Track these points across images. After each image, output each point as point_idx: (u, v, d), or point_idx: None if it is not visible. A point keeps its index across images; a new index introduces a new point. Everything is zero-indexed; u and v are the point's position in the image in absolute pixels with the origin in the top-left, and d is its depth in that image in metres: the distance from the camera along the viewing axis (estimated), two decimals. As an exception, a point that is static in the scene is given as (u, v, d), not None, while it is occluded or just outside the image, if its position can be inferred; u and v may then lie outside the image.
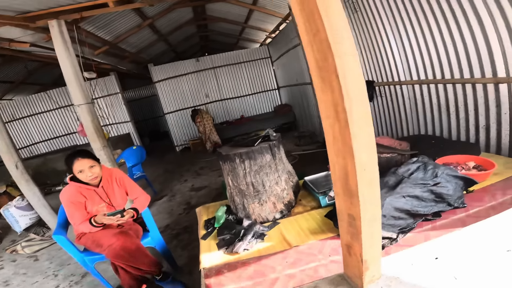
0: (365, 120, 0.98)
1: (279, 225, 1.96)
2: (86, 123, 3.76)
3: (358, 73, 0.96)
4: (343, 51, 0.92)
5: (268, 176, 2.03)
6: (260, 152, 2.00)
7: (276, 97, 8.78)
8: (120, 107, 8.19)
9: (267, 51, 8.42)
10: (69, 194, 1.98)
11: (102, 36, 5.15)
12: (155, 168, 6.65)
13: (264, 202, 2.04)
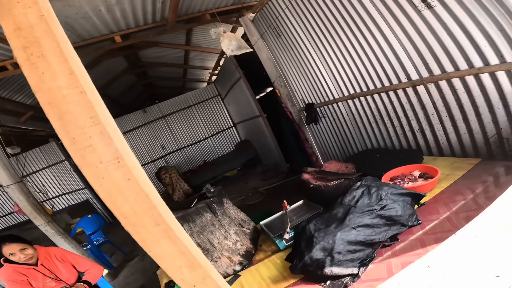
0: (167, 240, 0.76)
1: (240, 278, 1.81)
2: (20, 203, 3.56)
3: (133, 186, 0.71)
4: (98, 159, 0.67)
5: (214, 234, 1.93)
6: (198, 213, 1.93)
7: (234, 135, 8.63)
8: (70, 175, 7.49)
9: (214, 89, 8.40)
10: (7, 274, 1.99)
11: (23, 101, 4.70)
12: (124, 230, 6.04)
13: (218, 258, 1.90)
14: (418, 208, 1.72)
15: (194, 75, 8.36)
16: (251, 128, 6.86)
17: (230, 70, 5.90)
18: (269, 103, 5.63)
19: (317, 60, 3.24)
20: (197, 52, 6.24)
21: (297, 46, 3.44)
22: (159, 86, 9.58)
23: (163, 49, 5.87)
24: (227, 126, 8.58)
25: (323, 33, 2.94)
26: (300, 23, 3.17)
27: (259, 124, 5.88)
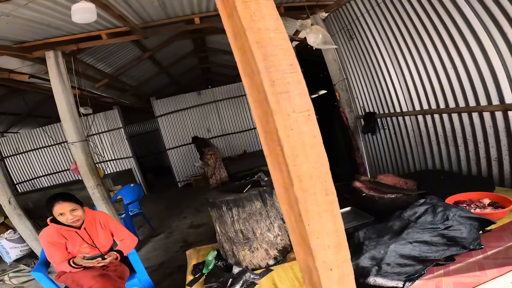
0: (329, 214, 0.67)
1: (272, 273, 1.81)
2: (79, 161, 3.70)
3: (316, 143, 0.64)
4: (291, 107, 0.62)
5: (259, 223, 1.92)
6: (249, 200, 1.91)
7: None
8: (122, 143, 8.15)
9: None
10: (48, 235, 2.01)
11: (102, 69, 5.23)
12: (156, 204, 6.58)
13: (255, 249, 1.91)
14: (482, 233, 1.65)
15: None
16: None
17: (289, 66, 5.89)
18: (322, 105, 5.53)
19: (390, 68, 3.11)
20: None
21: (370, 52, 3.33)
22: (216, 72, 9.95)
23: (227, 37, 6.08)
24: (273, 121, 8.62)
25: (405, 41, 2.80)
26: (380, 29, 3.05)
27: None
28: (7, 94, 6.00)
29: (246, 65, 0.67)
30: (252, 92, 0.68)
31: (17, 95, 6.31)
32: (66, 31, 3.38)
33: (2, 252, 4.24)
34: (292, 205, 0.67)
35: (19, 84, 4.74)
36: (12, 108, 6.95)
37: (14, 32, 3.09)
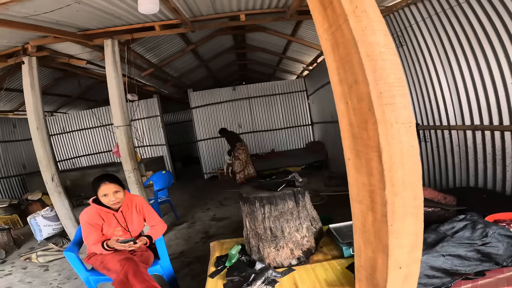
0: (413, 217, 0.71)
1: (294, 273, 1.81)
2: (121, 145, 3.85)
3: (413, 153, 0.69)
4: (394, 118, 0.66)
5: (289, 223, 1.94)
6: (283, 198, 1.93)
7: (309, 134, 8.58)
8: (158, 130, 8.51)
9: (303, 83, 8.41)
10: (88, 216, 2.06)
11: (150, 59, 5.53)
12: (182, 193, 6.76)
13: (281, 247, 1.93)
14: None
15: (287, 65, 8.53)
16: (329, 131, 6.70)
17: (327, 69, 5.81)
18: None
19: (442, 79, 2.96)
20: (299, 45, 6.33)
21: (420, 60, 3.19)
22: (252, 69, 10.09)
23: (268, 35, 6.13)
24: (305, 123, 8.56)
25: (463, 51, 2.65)
26: (436, 37, 2.91)
27: (342, 129, 5.69)
28: (63, 77, 6.54)
29: (349, 74, 0.71)
30: (349, 99, 0.72)
31: (72, 79, 6.84)
32: (125, 21, 3.60)
33: (35, 229, 4.27)
34: (375, 206, 0.70)
35: (75, 68, 5.16)
36: (65, 91, 7.55)
37: (81, 20, 3.34)
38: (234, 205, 5.12)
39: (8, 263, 3.71)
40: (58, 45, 3.77)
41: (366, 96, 0.66)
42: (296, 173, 2.18)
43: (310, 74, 7.72)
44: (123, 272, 1.89)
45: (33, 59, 3.71)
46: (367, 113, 0.66)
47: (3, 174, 6.71)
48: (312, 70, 7.50)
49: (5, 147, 6.83)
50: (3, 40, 3.39)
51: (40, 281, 3.08)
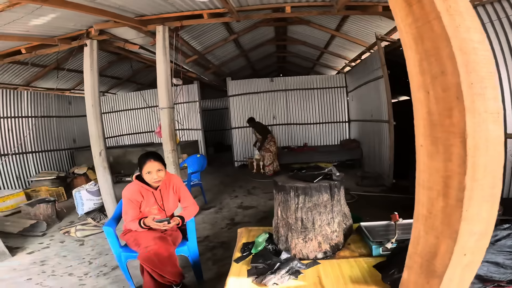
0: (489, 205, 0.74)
1: (318, 266, 1.82)
2: (164, 125, 4.04)
3: (498, 142, 0.71)
4: (483, 108, 0.69)
5: (321, 216, 1.93)
6: (318, 190, 1.92)
7: (345, 131, 8.36)
8: (196, 115, 8.83)
9: (343, 79, 8.17)
10: (130, 192, 2.14)
11: (194, 46, 5.74)
12: (212, 178, 6.93)
13: (309, 240, 1.94)
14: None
15: (328, 60, 8.31)
16: (367, 130, 6.48)
17: (372, 66, 5.57)
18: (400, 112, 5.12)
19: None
20: (342, 40, 6.14)
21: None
22: (291, 62, 9.97)
23: (311, 29, 6.02)
24: (341, 120, 8.35)
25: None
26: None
27: (381, 129, 5.47)
28: (116, 61, 7.05)
29: (434, 66, 0.75)
30: (431, 89, 0.77)
31: (123, 62, 7.34)
32: (176, 8, 3.77)
33: (78, 203, 4.39)
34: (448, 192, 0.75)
35: (128, 53, 5.53)
36: (116, 73, 8.11)
37: (139, 6, 3.56)
38: (261, 195, 5.17)
39: (48, 236, 3.83)
40: (117, 29, 4.06)
41: (455, 86, 0.70)
42: (333, 167, 2.17)
43: (352, 70, 7.47)
44: (154, 250, 1.96)
45: (94, 42, 4.04)
46: (454, 102, 0.70)
47: (55, 147, 7.36)
48: (354, 67, 7.24)
49: (59, 121, 7.53)
50: (71, 23, 3.74)
51: (74, 255, 3.20)
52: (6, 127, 6.14)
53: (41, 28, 3.75)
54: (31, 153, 6.62)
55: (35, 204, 4.25)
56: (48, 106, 7.10)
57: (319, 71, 9.86)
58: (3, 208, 4.85)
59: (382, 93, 5.17)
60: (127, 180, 6.84)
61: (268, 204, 4.62)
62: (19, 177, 6.27)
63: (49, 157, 7.13)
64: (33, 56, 4.75)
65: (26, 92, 6.59)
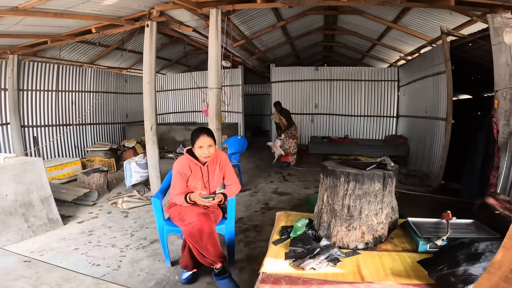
0: None
1: (358, 256, 1.80)
2: (211, 105, 4.16)
3: None
4: None
5: (370, 205, 1.88)
6: (371, 178, 1.85)
7: (391, 126, 7.91)
8: (238, 99, 8.97)
9: (396, 73, 7.67)
10: (180, 165, 2.18)
11: (243, 30, 5.77)
12: (248, 161, 7.06)
13: (353, 228, 1.91)
14: None
15: (379, 53, 7.83)
16: (418, 127, 6.07)
17: (433, 61, 5.15)
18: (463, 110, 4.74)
19: None
20: (399, 32, 5.73)
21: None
22: (337, 52, 9.58)
23: (365, 19, 5.69)
24: (389, 115, 7.90)
25: None
26: None
27: (435, 127, 5.10)
28: (168, 43, 7.38)
29: None
30: None
31: (174, 45, 7.67)
32: None
33: (127, 174, 4.53)
34: None
35: (180, 35, 5.75)
36: (167, 55, 8.50)
37: None
38: (297, 182, 5.17)
39: (97, 206, 3.99)
40: (174, 11, 4.21)
41: None
42: (387, 157, 2.09)
43: (407, 64, 6.97)
44: (198, 226, 1.98)
45: (154, 23, 4.25)
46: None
47: (110, 120, 8.02)
48: (410, 61, 6.75)
49: (116, 97, 8.16)
50: (136, 3, 3.96)
51: (118, 226, 3.32)
52: (71, 100, 6.84)
53: (110, 8, 4.02)
54: (89, 125, 7.32)
55: (90, 173, 4.50)
56: (107, 83, 7.73)
57: (368, 63, 9.35)
58: (60, 175, 5.17)
59: (441, 89, 4.78)
60: (169, 156, 7.25)
61: (302, 192, 4.61)
62: (77, 146, 6.98)
63: (104, 130, 7.82)
64: (99, 36, 5.14)
65: (90, 69, 7.23)
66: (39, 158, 3.32)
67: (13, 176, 2.97)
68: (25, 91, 5.97)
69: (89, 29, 4.75)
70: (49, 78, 6.37)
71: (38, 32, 4.69)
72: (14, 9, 3.44)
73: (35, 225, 3.09)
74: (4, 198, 2.89)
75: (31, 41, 5.17)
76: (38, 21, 4.03)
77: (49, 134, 6.43)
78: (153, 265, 2.51)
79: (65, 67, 6.67)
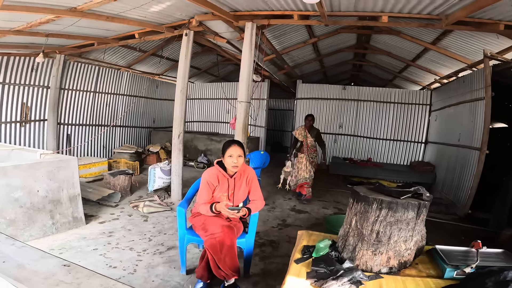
0: None
1: (381, 280, 1.78)
2: (239, 118, 4.18)
3: None
4: None
5: (400, 232, 1.87)
6: (405, 207, 1.86)
7: (418, 152, 7.62)
8: (262, 113, 8.92)
9: (428, 96, 7.43)
10: (209, 174, 2.27)
11: (274, 45, 5.83)
12: (267, 176, 6.97)
13: (379, 253, 1.89)
14: None
15: (412, 74, 7.65)
16: (449, 154, 5.81)
17: (472, 86, 4.94)
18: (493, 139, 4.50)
19: None
20: (437, 54, 5.57)
21: None
22: (367, 71, 9.48)
23: (401, 39, 5.60)
24: (416, 140, 7.63)
25: None
26: None
27: (467, 156, 4.84)
28: (200, 52, 7.62)
29: None
30: None
31: (206, 54, 7.88)
32: (268, 6, 3.85)
33: (150, 179, 4.57)
34: None
35: (213, 45, 5.93)
36: (197, 64, 8.74)
37: (235, 0, 3.72)
38: (315, 202, 5.09)
39: (119, 208, 4.05)
40: (211, 22, 4.34)
41: None
42: (422, 187, 2.07)
43: (443, 88, 6.74)
44: (220, 238, 2.01)
45: (191, 32, 4.41)
46: None
47: (138, 124, 8.29)
48: (446, 84, 6.53)
49: (146, 102, 8.47)
50: (178, 12, 4.12)
51: (137, 230, 3.36)
52: (106, 102, 7.19)
53: (155, 15, 4.20)
54: (118, 127, 7.61)
55: (117, 174, 4.60)
56: (140, 87, 8.07)
57: (399, 84, 9.14)
58: (88, 174, 5.32)
59: (478, 117, 4.57)
60: (190, 164, 7.31)
61: (321, 212, 4.57)
62: (105, 147, 7.24)
63: (132, 133, 8.09)
64: (140, 42, 5.38)
65: (126, 73, 7.61)
66: (74, 157, 3.41)
67: (47, 173, 3.04)
68: (65, 90, 6.35)
69: (132, 34, 5.00)
70: (89, 79, 6.76)
71: (87, 34, 4.96)
72: (72, 10, 3.63)
73: (59, 223, 3.14)
74: (35, 194, 2.94)
75: (79, 42, 5.48)
76: (89, 23, 4.26)
77: (81, 132, 6.75)
78: (168, 272, 2.52)
79: (105, 69, 7.05)
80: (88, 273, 0.94)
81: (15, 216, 2.79)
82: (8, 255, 0.99)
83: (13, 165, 2.85)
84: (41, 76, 5.94)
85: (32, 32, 4.39)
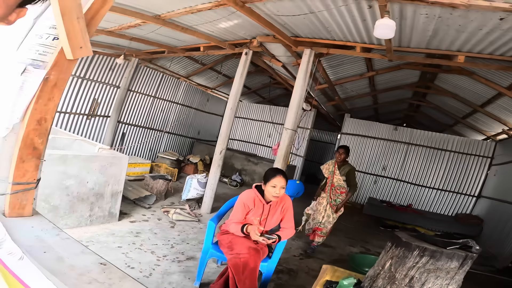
0: None
1: None
2: (282, 145, 4.13)
3: None
4: None
5: (436, 280, 1.81)
6: (450, 257, 1.78)
7: (467, 205, 6.90)
8: (303, 142, 8.78)
9: (491, 148, 6.74)
10: (247, 196, 2.29)
11: (329, 74, 5.74)
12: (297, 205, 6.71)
13: None
14: None
15: (478, 121, 6.85)
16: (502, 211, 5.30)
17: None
18: None
19: None
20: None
21: None
22: (424, 113, 8.86)
23: (471, 81, 5.09)
24: (468, 193, 6.91)
25: None
26: None
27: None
28: (253, 72, 7.83)
29: None
30: None
31: (258, 75, 8.07)
32: (331, 36, 3.81)
33: (186, 188, 4.70)
34: None
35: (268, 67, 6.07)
36: (248, 83, 8.89)
37: (299, 26, 3.74)
38: (343, 238, 4.93)
39: (151, 210, 4.15)
40: (271, 44, 4.45)
41: None
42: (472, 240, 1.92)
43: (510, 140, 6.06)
44: (245, 259, 2.01)
45: (250, 52, 4.56)
46: None
47: (184, 133, 8.68)
48: (517, 137, 5.84)
49: (196, 113, 8.89)
50: (242, 31, 4.28)
51: (163, 235, 3.42)
52: (161, 108, 7.75)
53: (221, 31, 4.43)
54: (166, 133, 8.04)
55: (157, 178, 4.77)
56: (193, 98, 8.57)
57: (460, 131, 8.31)
58: (131, 173, 5.52)
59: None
60: (224, 180, 7.25)
61: (347, 249, 4.50)
62: (151, 149, 7.68)
63: (177, 140, 8.49)
64: (202, 54, 5.71)
65: (184, 83, 8.16)
66: (126, 156, 3.59)
67: (100, 167, 3.22)
68: (131, 91, 7.00)
69: (198, 46, 5.36)
70: (153, 84, 7.38)
71: (162, 41, 5.38)
72: (156, 17, 3.96)
73: (95, 216, 3.25)
74: (84, 185, 3.06)
75: (153, 49, 5.98)
76: (166, 31, 4.60)
77: (135, 133, 7.29)
78: (182, 281, 2.53)
79: (167, 76, 7.65)
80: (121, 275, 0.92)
81: (59, 203, 2.92)
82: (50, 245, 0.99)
83: (73, 154, 3.07)
84: (115, 76, 6.64)
85: (120, 34, 4.90)
